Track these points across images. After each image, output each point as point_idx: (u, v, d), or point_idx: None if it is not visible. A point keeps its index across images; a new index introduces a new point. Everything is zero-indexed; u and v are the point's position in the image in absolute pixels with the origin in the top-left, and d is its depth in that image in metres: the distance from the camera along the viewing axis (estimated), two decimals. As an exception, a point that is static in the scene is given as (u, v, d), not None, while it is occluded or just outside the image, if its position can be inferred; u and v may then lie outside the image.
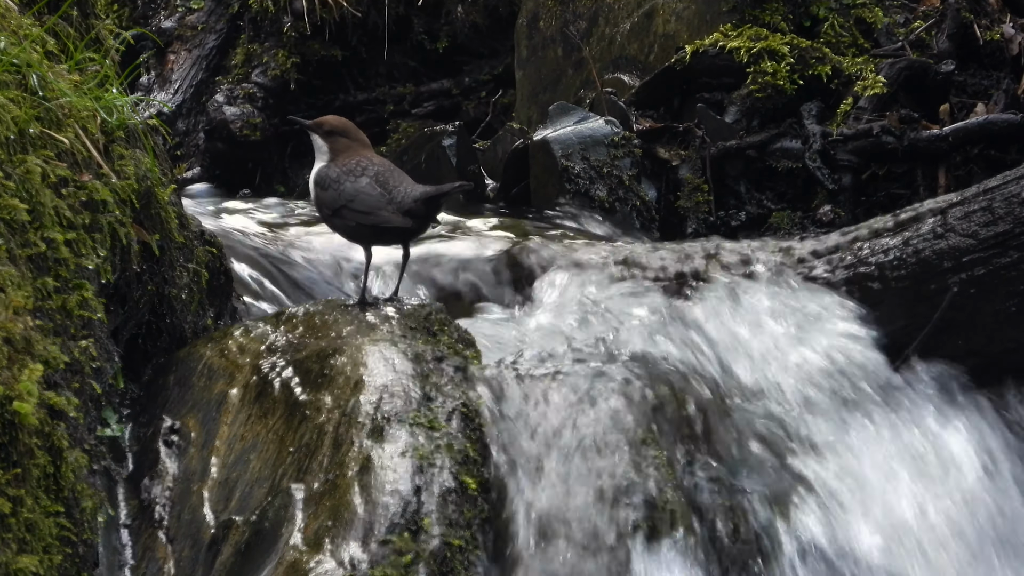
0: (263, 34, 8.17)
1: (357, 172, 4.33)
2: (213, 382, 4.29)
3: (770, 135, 6.26)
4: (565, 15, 7.18)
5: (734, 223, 6.19)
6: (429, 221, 4.38)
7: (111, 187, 4.12)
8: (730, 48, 6.35)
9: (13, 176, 3.73)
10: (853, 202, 6.09)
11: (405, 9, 8.14)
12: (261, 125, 8.00)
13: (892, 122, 6.10)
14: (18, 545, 3.32)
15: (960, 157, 6.06)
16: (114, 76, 4.37)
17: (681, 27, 6.68)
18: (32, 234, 3.74)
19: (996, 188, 4.64)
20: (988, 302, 4.58)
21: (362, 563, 3.62)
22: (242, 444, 4.08)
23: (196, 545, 3.94)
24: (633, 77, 6.76)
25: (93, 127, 4.15)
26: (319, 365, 4.10)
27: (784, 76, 6.26)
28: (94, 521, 3.69)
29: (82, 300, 3.87)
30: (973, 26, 6.36)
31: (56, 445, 3.51)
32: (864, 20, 6.53)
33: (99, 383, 3.93)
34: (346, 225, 4.35)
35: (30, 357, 3.45)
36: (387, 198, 4.27)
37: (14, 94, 3.89)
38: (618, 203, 6.14)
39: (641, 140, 6.29)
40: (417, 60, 8.27)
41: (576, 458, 4.03)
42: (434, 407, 3.97)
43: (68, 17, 4.44)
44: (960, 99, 6.27)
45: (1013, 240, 4.56)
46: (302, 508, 3.76)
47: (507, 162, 6.42)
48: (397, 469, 3.79)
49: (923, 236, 4.68)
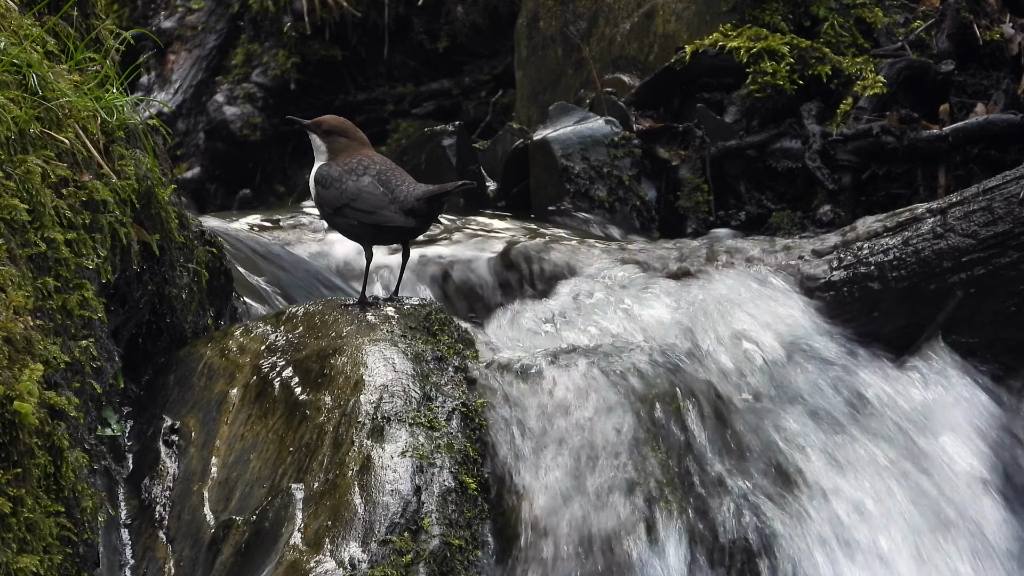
0: (263, 34, 8.18)
1: (359, 171, 4.33)
2: (213, 382, 4.29)
3: (770, 135, 6.25)
4: (565, 15, 7.18)
5: (734, 223, 6.19)
6: (431, 220, 4.38)
7: (111, 187, 4.12)
8: (730, 48, 6.35)
9: (13, 176, 3.73)
10: (853, 202, 6.09)
11: (405, 9, 8.15)
12: (261, 125, 8.01)
13: (892, 122, 6.10)
14: (18, 545, 3.32)
15: (960, 157, 6.05)
16: (114, 76, 4.37)
17: (681, 27, 6.68)
18: (32, 234, 3.75)
19: (996, 188, 4.64)
20: (988, 302, 4.58)
21: (362, 563, 3.62)
22: (242, 444, 4.08)
23: (196, 545, 3.94)
24: (633, 77, 6.76)
25: (93, 127, 4.16)
26: (319, 365, 4.10)
27: (784, 76, 6.26)
28: (94, 521, 3.69)
29: (82, 300, 3.87)
30: (973, 26, 6.35)
31: (56, 445, 3.51)
32: (864, 20, 6.52)
33: (99, 383, 3.93)
34: (348, 224, 4.35)
35: (31, 357, 3.45)
36: (390, 197, 4.27)
37: (14, 94, 3.89)
38: (618, 203, 6.14)
39: (641, 140, 6.29)
40: (417, 60, 8.27)
41: (576, 456, 4.03)
42: (434, 407, 3.97)
43: (68, 17, 4.44)
44: (960, 99, 6.27)
45: (1013, 240, 4.56)
46: (302, 508, 3.76)
47: (507, 162, 6.42)
48: (397, 469, 3.79)
49: (923, 236, 4.69)
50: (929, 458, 4.34)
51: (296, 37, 8.06)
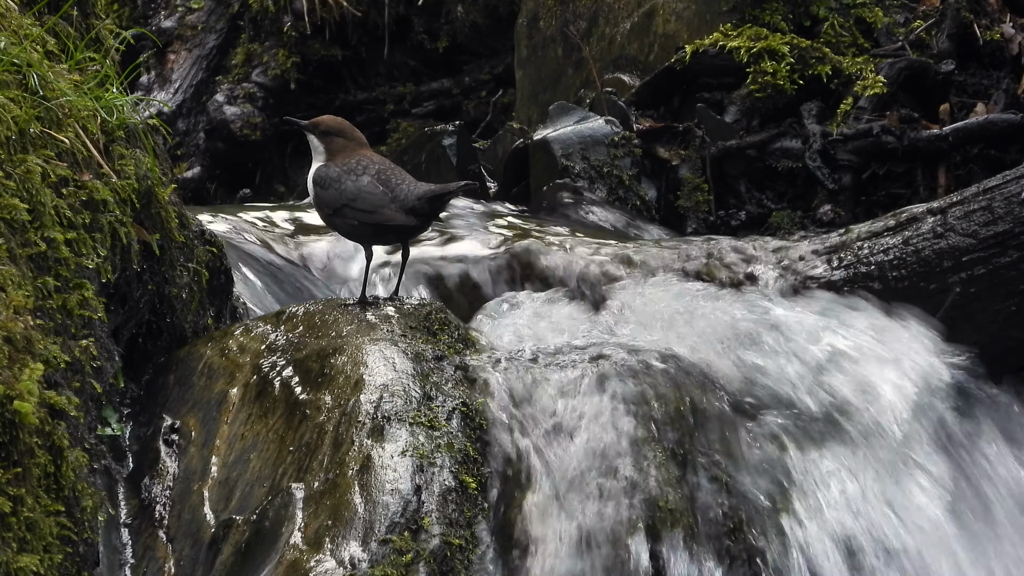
0: (263, 34, 8.18)
1: (358, 171, 4.32)
2: (213, 381, 4.29)
3: (770, 135, 6.26)
4: (565, 15, 7.18)
5: (734, 223, 6.19)
6: (431, 220, 4.37)
7: (111, 187, 4.12)
8: (730, 48, 6.35)
9: (13, 176, 3.73)
10: (853, 202, 6.09)
11: (405, 9, 8.15)
12: (261, 125, 8.01)
13: (892, 122, 6.10)
14: (19, 544, 3.32)
15: (960, 157, 6.06)
16: (114, 76, 4.38)
17: (681, 27, 6.68)
18: (32, 233, 3.75)
19: (996, 188, 4.64)
20: (988, 301, 4.59)
21: (362, 562, 3.62)
22: (242, 443, 4.08)
23: (196, 544, 3.94)
24: (633, 77, 6.76)
25: (93, 127, 4.16)
26: (319, 364, 4.11)
27: (784, 76, 6.27)
28: (94, 520, 3.69)
29: (82, 299, 3.87)
30: (973, 26, 6.36)
31: (56, 444, 3.51)
32: (864, 20, 6.52)
33: (99, 382, 3.93)
34: (348, 224, 4.34)
35: (31, 356, 3.45)
36: (390, 196, 4.27)
37: (14, 94, 3.89)
38: (618, 202, 6.14)
39: (641, 140, 6.29)
40: (417, 60, 8.27)
41: (577, 454, 4.03)
42: (434, 406, 3.97)
43: (68, 17, 4.44)
44: (960, 99, 6.27)
45: (1013, 240, 4.56)
46: (302, 507, 3.76)
47: (507, 162, 6.42)
48: (397, 468, 3.79)
49: (923, 235, 4.69)
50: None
51: (296, 37, 8.06)
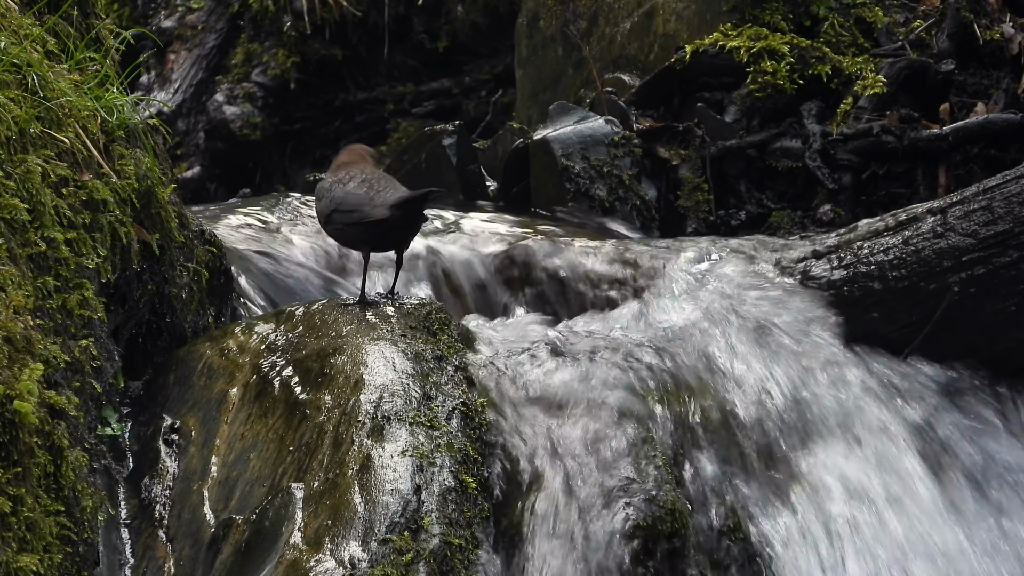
0: (263, 33, 8.18)
1: (346, 180, 4.46)
2: (213, 381, 4.29)
3: (770, 135, 6.25)
4: (565, 15, 7.18)
5: (734, 222, 6.19)
6: (412, 224, 4.39)
7: (111, 186, 4.12)
8: (730, 48, 6.35)
9: (13, 175, 3.74)
10: (853, 202, 6.09)
11: (405, 8, 8.15)
12: (261, 124, 8.01)
13: (892, 121, 6.10)
14: (18, 544, 3.32)
15: (960, 156, 6.05)
16: (114, 76, 4.38)
17: (681, 27, 6.68)
18: (32, 233, 3.75)
19: (996, 187, 4.64)
20: (988, 301, 4.58)
21: (362, 562, 3.62)
22: (242, 443, 4.08)
23: (196, 544, 3.94)
24: (633, 77, 6.76)
25: (93, 127, 4.16)
26: (319, 364, 4.11)
27: (784, 76, 6.26)
28: (94, 520, 3.69)
29: (82, 299, 3.88)
30: (973, 26, 6.35)
31: (56, 444, 3.51)
32: (864, 20, 6.52)
33: (99, 382, 3.93)
34: (336, 229, 4.43)
35: (31, 356, 3.45)
36: (369, 196, 4.35)
37: (14, 94, 3.89)
38: (618, 202, 6.13)
39: (641, 139, 6.29)
40: (417, 59, 8.27)
41: (577, 454, 4.03)
42: (434, 406, 3.97)
43: (68, 17, 4.44)
44: (960, 98, 6.27)
45: (1013, 239, 4.56)
46: (302, 507, 3.76)
47: (507, 161, 6.42)
48: (397, 468, 3.79)
49: (923, 235, 4.69)
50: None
51: (296, 36, 8.06)
